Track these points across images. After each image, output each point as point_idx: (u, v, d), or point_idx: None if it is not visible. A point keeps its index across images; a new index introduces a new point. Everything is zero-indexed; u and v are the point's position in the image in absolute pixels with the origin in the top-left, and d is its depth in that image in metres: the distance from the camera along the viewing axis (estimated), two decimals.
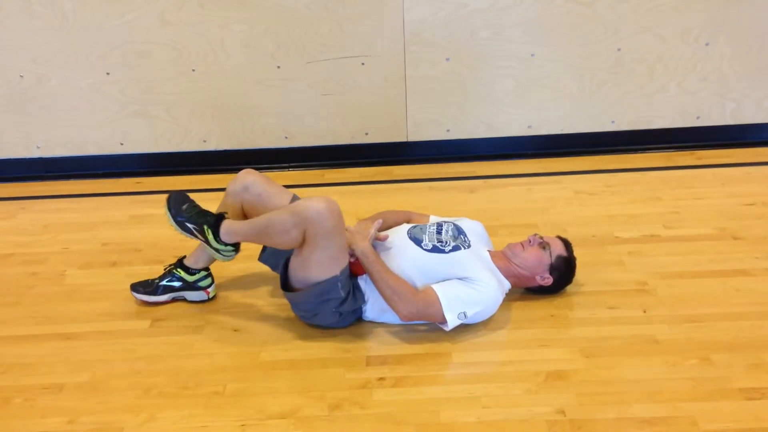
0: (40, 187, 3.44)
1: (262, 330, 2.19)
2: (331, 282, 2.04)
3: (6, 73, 3.32)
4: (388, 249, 2.17)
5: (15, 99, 3.38)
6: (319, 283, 2.04)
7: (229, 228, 2.14)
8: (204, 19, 3.21)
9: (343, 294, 2.07)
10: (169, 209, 2.16)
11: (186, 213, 2.15)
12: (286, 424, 1.80)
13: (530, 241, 2.20)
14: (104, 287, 2.47)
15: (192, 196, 2.23)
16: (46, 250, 2.77)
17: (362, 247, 2.09)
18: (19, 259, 2.71)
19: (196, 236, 2.16)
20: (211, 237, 2.13)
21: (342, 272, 2.05)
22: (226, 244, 2.15)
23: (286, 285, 2.15)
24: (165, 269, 2.36)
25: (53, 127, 3.44)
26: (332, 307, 2.09)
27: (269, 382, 1.96)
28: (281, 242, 2.08)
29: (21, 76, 3.33)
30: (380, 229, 2.22)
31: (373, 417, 1.81)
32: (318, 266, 2.03)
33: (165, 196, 2.20)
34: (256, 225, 2.10)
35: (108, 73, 3.32)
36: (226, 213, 2.20)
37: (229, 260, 2.23)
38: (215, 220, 2.14)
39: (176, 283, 2.32)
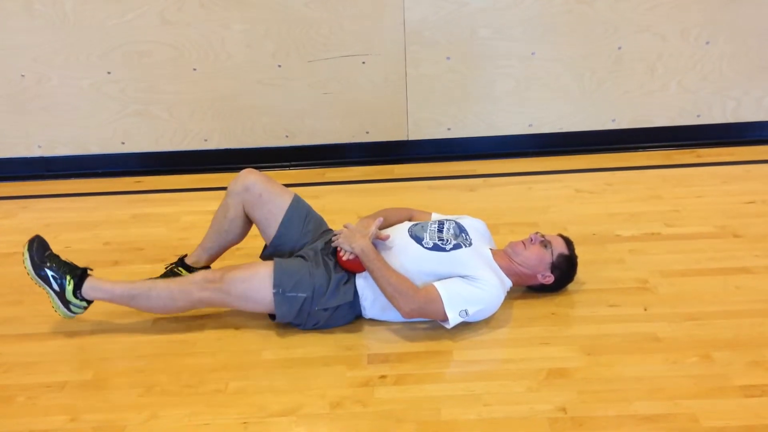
0: (41, 186, 3.44)
1: (264, 328, 2.19)
2: (282, 300, 2.05)
3: (7, 72, 3.33)
4: (389, 247, 2.16)
5: (16, 98, 3.38)
6: (276, 305, 2.07)
7: (95, 284, 2.11)
8: (205, 19, 3.22)
9: (306, 294, 2.07)
10: (30, 255, 2.09)
11: (48, 259, 2.10)
12: (287, 422, 1.80)
13: (532, 240, 2.20)
14: None
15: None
16: None
17: (363, 244, 2.08)
18: (21, 258, 2.69)
19: (48, 284, 2.08)
20: (70, 288, 2.07)
21: (277, 286, 2.05)
22: (81, 299, 2.10)
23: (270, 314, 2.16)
24: (166, 268, 2.37)
25: (54, 126, 3.45)
26: (313, 308, 2.09)
27: (271, 380, 1.96)
28: (162, 307, 2.14)
29: (22, 76, 3.33)
30: (382, 227, 2.21)
31: (375, 415, 1.81)
32: (252, 293, 2.07)
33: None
34: (135, 288, 2.11)
35: (109, 73, 3.33)
36: (91, 269, 2.15)
37: (72, 318, 2.14)
38: (81, 273, 2.11)
39: None
